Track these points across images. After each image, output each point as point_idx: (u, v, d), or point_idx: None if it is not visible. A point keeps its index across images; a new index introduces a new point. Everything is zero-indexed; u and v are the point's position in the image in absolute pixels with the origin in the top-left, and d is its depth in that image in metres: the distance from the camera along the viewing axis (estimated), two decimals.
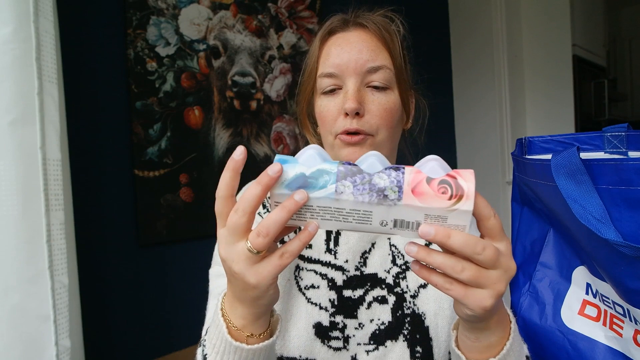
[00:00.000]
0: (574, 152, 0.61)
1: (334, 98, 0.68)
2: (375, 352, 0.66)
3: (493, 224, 0.43)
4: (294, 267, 0.70)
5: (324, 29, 0.71)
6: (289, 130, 1.74)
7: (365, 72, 0.66)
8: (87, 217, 1.19)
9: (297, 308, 0.67)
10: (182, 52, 1.44)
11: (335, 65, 0.67)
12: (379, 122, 0.66)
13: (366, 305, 0.68)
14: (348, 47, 0.67)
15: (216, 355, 0.51)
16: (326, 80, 0.68)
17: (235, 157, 0.43)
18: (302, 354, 0.65)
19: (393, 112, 0.67)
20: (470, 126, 2.59)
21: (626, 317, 0.63)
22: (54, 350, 0.88)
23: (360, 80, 0.66)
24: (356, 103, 0.64)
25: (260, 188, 0.42)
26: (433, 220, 0.42)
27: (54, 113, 0.92)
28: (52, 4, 0.94)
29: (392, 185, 0.41)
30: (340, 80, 0.67)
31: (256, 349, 0.49)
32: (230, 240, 0.44)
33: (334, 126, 0.67)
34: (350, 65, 0.66)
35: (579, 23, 2.60)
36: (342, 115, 0.66)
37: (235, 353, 0.49)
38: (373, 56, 0.66)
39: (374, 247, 0.72)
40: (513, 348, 0.51)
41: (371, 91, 0.67)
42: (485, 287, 0.42)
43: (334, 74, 0.67)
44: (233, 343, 0.49)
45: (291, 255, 0.43)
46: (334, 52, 0.67)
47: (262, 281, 0.43)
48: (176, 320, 1.40)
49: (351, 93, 0.65)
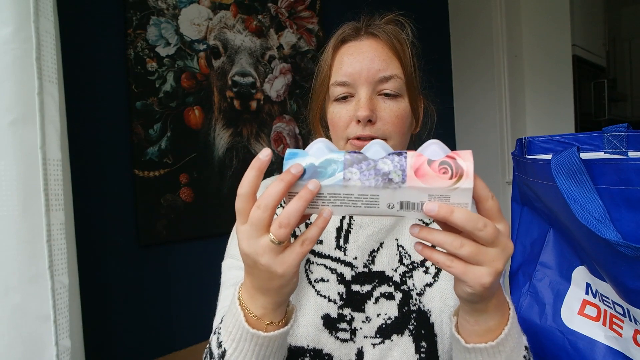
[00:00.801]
0: (574, 152, 0.61)
1: (346, 105, 0.70)
2: (381, 346, 0.68)
3: (491, 205, 0.45)
4: (305, 261, 0.72)
5: (336, 37, 0.73)
6: (289, 130, 1.74)
7: (376, 81, 0.68)
8: (87, 217, 1.19)
9: (307, 300, 0.69)
10: (182, 52, 1.44)
11: (348, 74, 0.69)
12: (391, 129, 0.68)
13: (373, 300, 0.70)
14: (360, 56, 0.69)
15: (232, 342, 0.53)
16: (339, 88, 0.70)
17: (262, 157, 0.46)
18: (310, 343, 0.67)
19: (404, 118, 0.69)
20: (470, 126, 2.59)
21: (626, 317, 0.63)
22: (54, 350, 0.88)
23: (372, 89, 0.68)
24: (368, 111, 0.66)
25: (283, 185, 0.44)
26: (436, 199, 0.44)
27: (54, 113, 0.92)
28: (52, 4, 0.94)
29: (395, 169, 0.43)
30: (353, 88, 0.69)
31: (272, 336, 0.52)
32: (254, 235, 0.46)
33: (345, 132, 0.69)
34: (362, 74, 0.68)
35: (579, 23, 2.60)
36: (354, 122, 0.68)
37: (252, 340, 0.52)
38: (384, 66, 0.68)
39: (382, 246, 0.74)
40: (511, 334, 0.53)
41: (383, 99, 0.69)
42: (484, 265, 0.44)
43: (347, 82, 0.69)
44: (250, 330, 0.51)
45: (311, 242, 0.46)
46: (347, 61, 0.70)
47: (288, 269, 0.46)
48: (176, 320, 1.40)
49: (363, 101, 0.67)
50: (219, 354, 0.55)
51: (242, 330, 0.52)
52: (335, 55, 0.72)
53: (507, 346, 0.53)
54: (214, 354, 0.56)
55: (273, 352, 0.54)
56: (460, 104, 2.63)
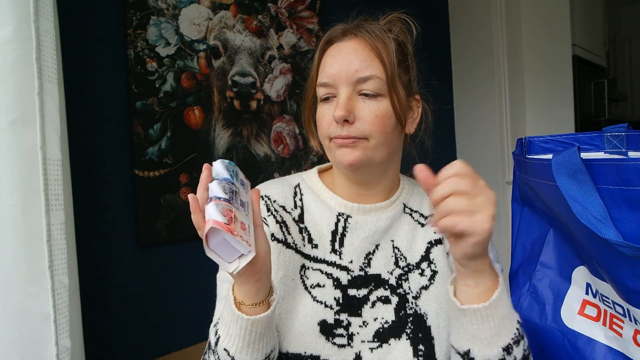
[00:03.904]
0: (574, 152, 0.61)
1: (329, 105, 0.71)
2: (379, 350, 0.68)
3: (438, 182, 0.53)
4: (300, 267, 0.72)
5: (323, 39, 0.74)
6: (289, 130, 1.74)
7: (355, 81, 0.68)
8: (87, 217, 1.19)
9: (303, 306, 0.69)
10: (182, 52, 1.44)
11: (330, 75, 0.70)
12: (370, 128, 0.68)
13: (370, 304, 0.70)
14: (340, 57, 0.70)
15: (224, 326, 0.61)
16: (322, 89, 0.71)
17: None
18: (307, 350, 0.67)
19: (385, 118, 0.69)
20: (470, 126, 2.59)
21: (626, 317, 0.63)
22: (54, 350, 0.88)
23: (351, 89, 0.69)
24: (344, 111, 0.67)
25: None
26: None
27: (54, 113, 0.92)
28: (52, 4, 0.94)
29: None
30: (334, 89, 0.70)
31: (254, 320, 0.59)
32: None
33: (327, 131, 0.70)
34: (342, 76, 0.69)
35: (579, 23, 2.60)
36: (334, 121, 0.68)
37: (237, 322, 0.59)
38: (363, 66, 0.68)
39: (377, 248, 0.74)
40: (502, 297, 0.57)
41: (362, 99, 0.69)
42: (480, 211, 0.51)
43: (328, 83, 0.70)
44: (236, 312, 0.59)
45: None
46: (329, 62, 0.71)
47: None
48: (176, 320, 1.40)
49: (341, 102, 0.68)
50: (215, 341, 0.62)
51: (231, 314, 0.59)
52: (322, 57, 0.73)
53: (499, 310, 0.57)
54: (212, 342, 0.63)
55: (257, 338, 0.60)
56: (460, 104, 2.63)
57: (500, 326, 0.57)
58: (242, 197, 0.59)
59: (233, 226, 0.52)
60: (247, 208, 0.59)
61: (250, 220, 0.58)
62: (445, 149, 2.51)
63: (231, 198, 0.56)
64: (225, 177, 0.58)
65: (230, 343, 0.60)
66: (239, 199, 0.58)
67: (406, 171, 0.82)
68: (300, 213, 0.76)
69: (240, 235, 0.52)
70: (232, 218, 0.53)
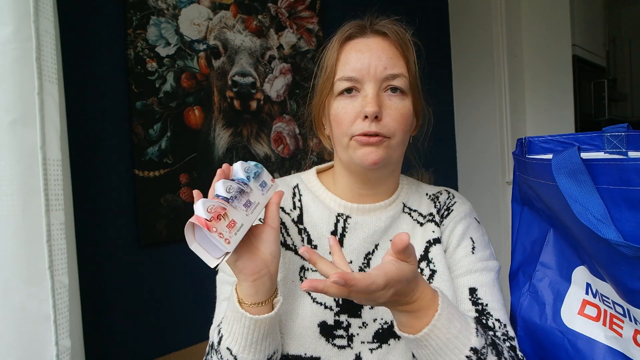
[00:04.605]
0: (574, 152, 0.61)
1: (351, 101, 0.69)
2: (378, 350, 0.68)
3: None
4: (299, 268, 0.72)
5: (342, 34, 0.72)
6: (289, 130, 1.74)
7: (383, 78, 0.68)
8: (87, 217, 1.19)
9: (303, 307, 0.69)
10: (182, 52, 1.44)
11: (357, 69, 0.68)
12: (395, 126, 0.68)
13: (369, 305, 0.69)
14: (368, 52, 0.69)
15: (227, 325, 0.62)
16: (345, 83, 0.69)
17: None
18: (307, 351, 0.67)
19: (407, 117, 0.69)
20: (470, 126, 2.59)
21: (626, 317, 0.63)
22: (54, 350, 0.88)
23: (378, 86, 0.68)
24: (376, 107, 0.65)
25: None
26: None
27: (54, 113, 0.92)
28: (52, 4, 0.94)
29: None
30: (359, 84, 0.69)
31: (257, 319, 0.60)
32: None
33: (350, 128, 0.68)
34: (370, 71, 0.68)
35: (579, 23, 2.60)
36: (360, 118, 0.67)
37: (241, 321, 0.60)
38: (391, 64, 0.68)
39: (377, 248, 0.74)
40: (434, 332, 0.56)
41: (389, 96, 0.68)
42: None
43: (354, 77, 0.68)
44: (239, 309, 0.60)
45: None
46: (354, 56, 0.69)
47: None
48: (176, 320, 1.40)
49: (371, 97, 0.66)
50: (217, 340, 0.62)
51: (235, 312, 0.60)
52: (342, 51, 0.71)
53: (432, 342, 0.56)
54: (214, 342, 0.63)
55: (260, 339, 0.60)
56: (460, 104, 2.63)
57: (437, 353, 0.57)
58: (250, 198, 0.59)
59: (214, 223, 0.53)
60: (252, 208, 0.59)
61: (250, 220, 0.58)
62: (445, 149, 2.51)
63: (233, 197, 0.56)
64: (239, 178, 0.60)
65: (233, 342, 0.60)
66: (246, 198, 0.58)
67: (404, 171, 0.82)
68: (300, 214, 0.76)
69: (220, 232, 0.53)
70: (219, 215, 0.53)
